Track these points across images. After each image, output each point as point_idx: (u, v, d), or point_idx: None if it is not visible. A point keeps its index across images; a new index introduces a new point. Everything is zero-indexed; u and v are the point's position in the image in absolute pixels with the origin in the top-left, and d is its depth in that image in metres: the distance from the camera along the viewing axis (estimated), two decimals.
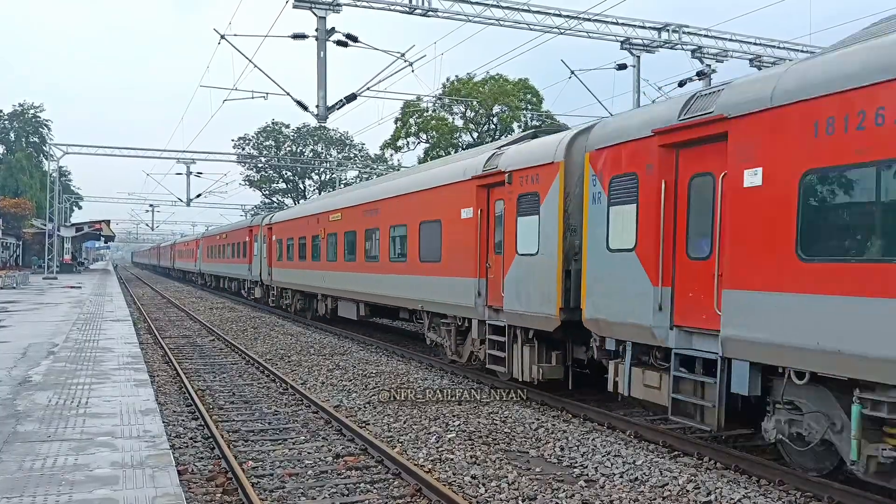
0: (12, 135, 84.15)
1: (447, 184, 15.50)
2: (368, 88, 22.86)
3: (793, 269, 7.50)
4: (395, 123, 60.73)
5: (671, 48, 27.52)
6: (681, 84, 26.07)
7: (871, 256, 6.80)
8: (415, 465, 8.84)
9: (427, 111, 59.05)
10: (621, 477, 8.54)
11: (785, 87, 7.80)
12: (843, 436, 7.51)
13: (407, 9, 23.52)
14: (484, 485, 8.28)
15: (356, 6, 22.63)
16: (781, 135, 7.72)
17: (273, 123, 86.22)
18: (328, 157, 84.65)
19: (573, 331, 11.60)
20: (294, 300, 29.74)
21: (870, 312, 6.75)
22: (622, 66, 27.39)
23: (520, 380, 12.89)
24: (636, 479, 8.46)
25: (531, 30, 25.21)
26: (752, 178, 7.95)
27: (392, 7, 23.35)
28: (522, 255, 12.55)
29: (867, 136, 6.82)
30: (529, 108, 56.12)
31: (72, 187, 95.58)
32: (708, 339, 8.81)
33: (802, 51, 26.92)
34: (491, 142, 29.87)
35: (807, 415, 7.88)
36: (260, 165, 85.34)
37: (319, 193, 73.40)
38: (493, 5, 24.44)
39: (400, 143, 62.34)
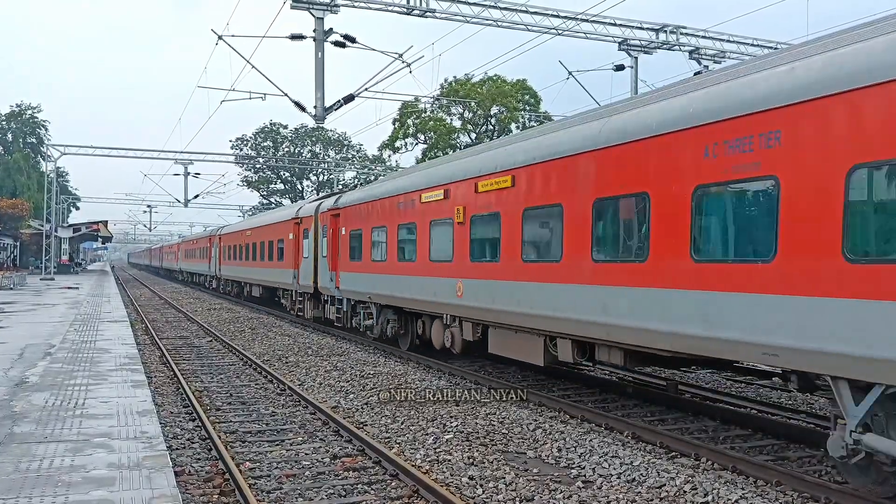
0: (10, 135, 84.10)
1: (279, 222, 30.20)
2: (366, 89, 22.89)
3: None
4: (394, 124, 60.81)
5: (669, 49, 27.58)
6: None
7: None
8: (412, 465, 8.83)
9: (425, 112, 59.10)
10: (619, 478, 8.54)
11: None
12: None
13: (405, 9, 23.54)
14: (481, 485, 8.27)
15: (354, 7, 22.66)
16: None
17: (271, 124, 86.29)
18: (326, 157, 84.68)
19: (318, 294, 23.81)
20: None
21: None
22: (620, 67, 27.45)
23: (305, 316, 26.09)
24: (634, 479, 8.46)
25: (529, 30, 25.26)
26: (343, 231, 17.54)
27: (390, 8, 23.36)
28: (305, 257, 25.21)
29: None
30: (527, 108, 56.16)
31: (69, 188, 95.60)
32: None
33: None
34: (489, 140, 30.23)
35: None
36: (258, 166, 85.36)
37: (317, 194, 73.34)
38: (490, 6, 24.47)
39: (398, 143, 62.41)
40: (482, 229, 14.03)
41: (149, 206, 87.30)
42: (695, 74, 11.19)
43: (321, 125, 28.60)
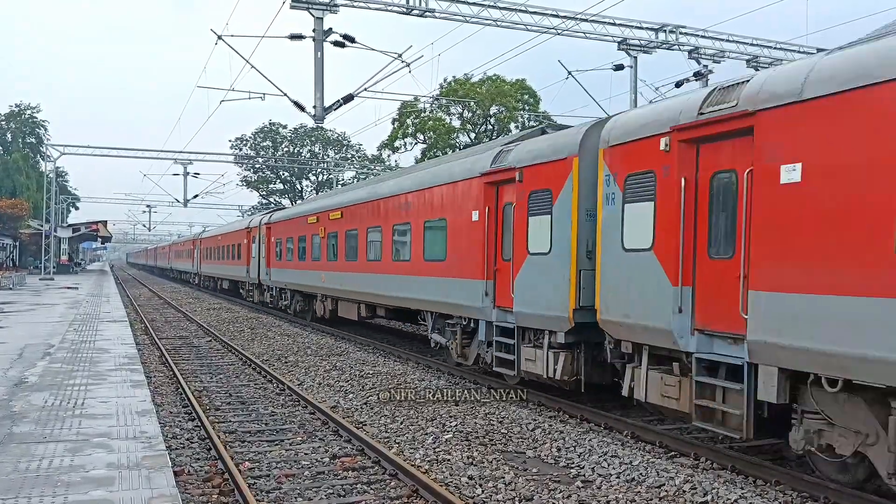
0: (9, 135, 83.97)
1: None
2: (365, 89, 22.86)
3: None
4: (393, 124, 60.75)
5: (668, 49, 27.56)
6: (678, 85, 26.12)
7: None
8: (412, 465, 8.83)
9: (424, 112, 59.08)
10: (618, 477, 8.54)
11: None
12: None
13: (404, 9, 23.52)
14: (481, 485, 8.27)
15: (353, 7, 22.63)
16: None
17: (270, 124, 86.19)
18: (325, 157, 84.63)
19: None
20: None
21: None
22: (619, 67, 27.43)
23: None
24: (633, 479, 8.46)
25: (528, 30, 25.23)
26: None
27: (389, 8, 23.34)
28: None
29: None
30: (527, 108, 56.15)
31: (69, 188, 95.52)
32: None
33: (799, 51, 26.98)
34: (489, 141, 29.91)
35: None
36: (257, 166, 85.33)
37: (317, 194, 73.33)
38: (490, 6, 24.45)
39: (397, 143, 62.36)
40: (332, 241, 23.34)
41: (148, 206, 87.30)
42: (694, 74, 11.22)
43: (320, 125, 28.52)
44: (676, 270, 9.01)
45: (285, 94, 23.48)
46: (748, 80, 8.42)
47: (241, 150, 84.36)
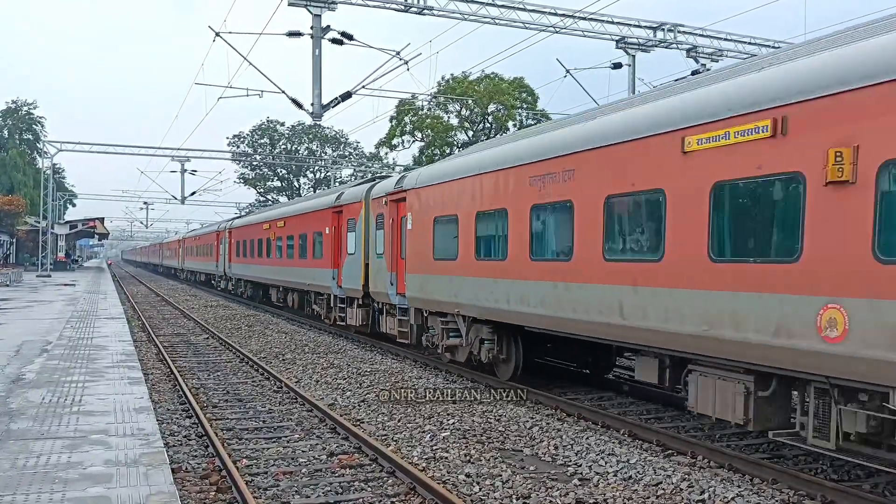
0: (5, 132, 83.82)
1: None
2: (363, 87, 22.86)
3: None
4: (391, 122, 60.72)
5: (666, 47, 27.57)
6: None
7: None
8: (409, 463, 8.83)
9: (422, 110, 59.04)
10: (615, 475, 8.56)
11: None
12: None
13: (402, 7, 23.50)
14: (478, 483, 8.28)
15: (351, 4, 22.60)
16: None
17: (268, 121, 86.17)
18: (323, 155, 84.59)
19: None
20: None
21: None
22: (617, 65, 27.43)
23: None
24: (630, 477, 8.48)
25: (526, 28, 25.22)
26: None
27: (387, 5, 23.32)
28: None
29: None
30: (525, 107, 56.14)
31: (66, 185, 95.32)
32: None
33: None
34: (485, 140, 30.21)
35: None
36: (255, 163, 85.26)
37: (314, 192, 73.26)
38: (488, 4, 24.43)
39: (395, 141, 62.34)
40: (277, 243, 31.70)
41: (145, 203, 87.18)
42: (692, 73, 11.21)
43: (318, 122, 28.48)
44: (392, 264, 18.05)
45: (283, 92, 23.48)
46: (406, 176, 17.82)
47: (238, 147, 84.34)
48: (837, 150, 6.97)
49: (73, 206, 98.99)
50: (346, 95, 22.58)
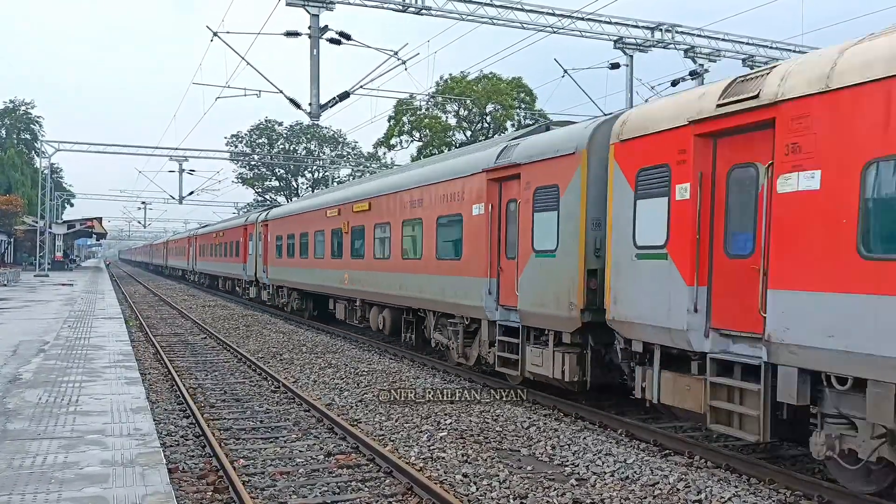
0: (3, 131, 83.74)
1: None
2: (361, 87, 22.84)
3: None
4: (389, 122, 60.73)
5: (664, 48, 27.57)
6: (674, 83, 26.15)
7: None
8: (406, 463, 8.83)
9: (420, 110, 59.05)
10: (612, 475, 8.56)
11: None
12: None
13: (400, 7, 23.49)
14: (475, 483, 8.28)
15: (349, 4, 22.58)
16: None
17: (266, 121, 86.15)
18: (321, 155, 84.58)
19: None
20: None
21: None
22: (615, 66, 27.42)
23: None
24: (627, 477, 8.48)
25: (524, 28, 25.22)
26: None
27: (385, 5, 23.31)
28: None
29: None
30: (523, 107, 56.15)
31: (63, 184, 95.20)
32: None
33: (795, 51, 27.00)
34: (484, 140, 29.97)
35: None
36: (253, 163, 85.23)
37: (312, 192, 73.29)
38: (486, 4, 24.43)
39: (393, 141, 62.34)
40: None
41: (143, 202, 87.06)
42: (690, 73, 11.23)
43: (316, 122, 28.45)
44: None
45: (281, 92, 23.46)
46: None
47: (236, 147, 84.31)
48: None
49: (71, 205, 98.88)
50: (344, 95, 22.56)
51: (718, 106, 8.51)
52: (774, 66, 8.27)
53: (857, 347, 6.81)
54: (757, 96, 8.02)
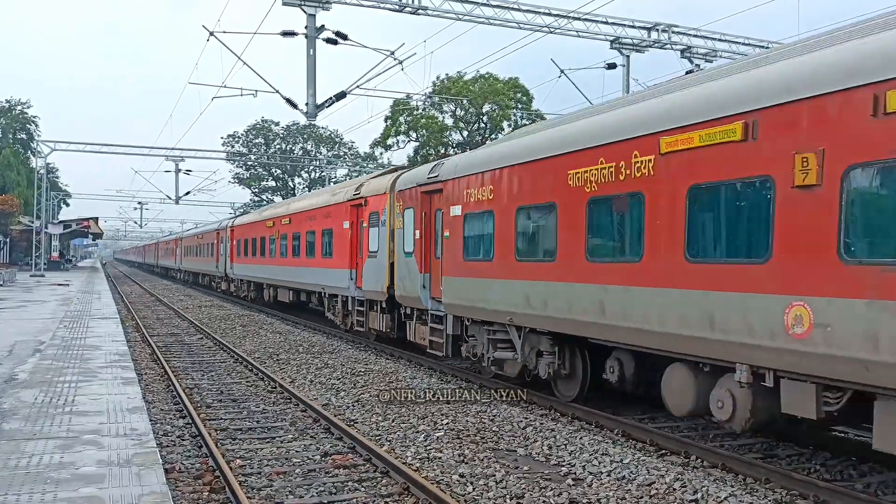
0: None
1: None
2: (358, 86, 22.87)
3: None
4: (385, 122, 60.74)
5: (661, 48, 27.61)
6: None
7: None
8: (403, 463, 8.83)
9: (417, 110, 59.06)
10: (609, 475, 8.56)
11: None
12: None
13: (397, 6, 23.50)
14: (472, 483, 8.28)
15: (346, 4, 22.60)
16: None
17: (262, 121, 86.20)
18: (318, 155, 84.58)
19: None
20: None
21: None
22: (612, 66, 27.46)
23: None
24: (623, 477, 8.49)
25: (521, 28, 25.24)
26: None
27: (382, 5, 23.31)
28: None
29: None
30: (519, 107, 56.19)
31: (59, 184, 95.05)
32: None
33: None
34: (480, 140, 30.31)
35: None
36: (249, 163, 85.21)
37: (309, 191, 73.20)
38: (482, 4, 24.44)
39: (390, 141, 62.37)
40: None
41: (140, 202, 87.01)
42: (686, 73, 11.21)
43: (313, 122, 28.44)
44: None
45: (277, 91, 23.48)
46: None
47: (233, 146, 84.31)
48: None
49: (67, 205, 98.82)
50: (341, 95, 22.57)
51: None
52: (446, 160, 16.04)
53: None
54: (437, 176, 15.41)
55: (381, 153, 65.91)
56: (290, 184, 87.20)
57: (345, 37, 21.65)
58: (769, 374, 7.81)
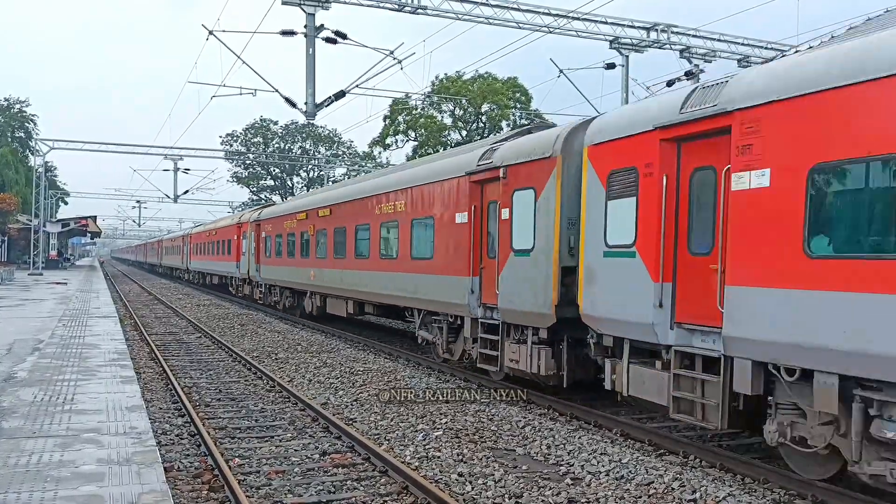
0: None
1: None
2: (357, 86, 22.84)
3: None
4: (384, 121, 60.72)
5: (660, 48, 27.61)
6: (669, 84, 26.17)
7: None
8: (402, 462, 8.84)
9: (416, 109, 59.05)
10: (607, 475, 8.58)
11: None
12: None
13: (396, 6, 23.49)
14: (470, 482, 8.29)
15: (345, 3, 22.58)
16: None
17: (261, 120, 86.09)
18: (316, 154, 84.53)
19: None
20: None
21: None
22: (611, 66, 27.46)
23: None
24: (622, 476, 8.50)
25: (520, 28, 25.25)
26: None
27: (381, 4, 23.31)
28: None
29: None
30: (518, 106, 56.19)
31: (58, 183, 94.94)
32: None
33: (789, 51, 27.06)
34: (480, 139, 30.03)
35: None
36: (248, 162, 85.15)
37: (307, 191, 73.23)
38: (482, 3, 24.44)
39: (388, 140, 62.33)
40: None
41: (138, 201, 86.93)
42: (685, 73, 11.23)
43: (312, 121, 28.42)
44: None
45: (277, 90, 23.45)
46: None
47: (231, 145, 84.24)
48: None
49: (66, 204, 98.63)
50: (340, 94, 22.55)
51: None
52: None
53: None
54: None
55: (380, 152, 65.91)
56: (289, 183, 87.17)
57: (344, 36, 21.64)
58: None
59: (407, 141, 61.76)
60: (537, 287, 11.74)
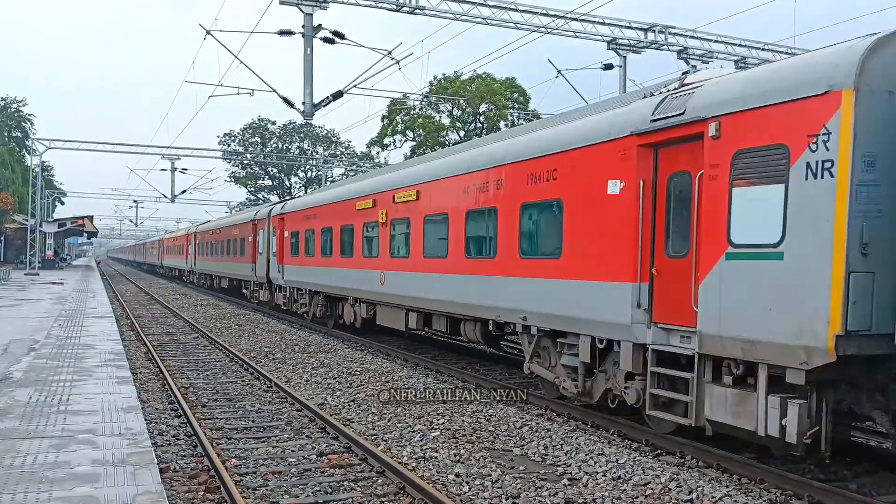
0: None
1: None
2: (355, 86, 22.82)
3: None
4: (382, 121, 60.73)
5: (657, 49, 27.65)
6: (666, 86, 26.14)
7: None
8: (399, 462, 8.83)
9: (414, 109, 59.05)
10: (604, 475, 8.57)
11: None
12: None
13: (394, 6, 23.49)
14: (468, 483, 8.28)
15: (343, 3, 22.57)
16: None
17: (259, 120, 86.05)
18: (314, 154, 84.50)
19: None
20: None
21: None
22: (609, 66, 27.49)
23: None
24: (619, 477, 8.50)
25: (518, 29, 25.26)
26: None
27: (379, 4, 23.30)
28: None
29: None
30: (516, 107, 56.20)
31: (55, 182, 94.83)
32: None
33: (787, 52, 27.10)
34: (477, 138, 28.42)
35: None
36: (246, 162, 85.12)
37: (305, 191, 73.18)
38: (480, 4, 24.45)
39: (386, 140, 62.35)
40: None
41: (135, 201, 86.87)
42: (682, 74, 11.16)
43: (309, 121, 28.43)
44: None
45: (274, 90, 23.43)
46: None
47: (229, 145, 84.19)
48: None
49: (62, 204, 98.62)
50: (338, 94, 22.53)
51: None
52: None
53: None
54: None
55: (378, 153, 65.91)
56: (287, 183, 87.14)
57: (342, 36, 21.63)
58: None
59: (405, 141, 61.81)
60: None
